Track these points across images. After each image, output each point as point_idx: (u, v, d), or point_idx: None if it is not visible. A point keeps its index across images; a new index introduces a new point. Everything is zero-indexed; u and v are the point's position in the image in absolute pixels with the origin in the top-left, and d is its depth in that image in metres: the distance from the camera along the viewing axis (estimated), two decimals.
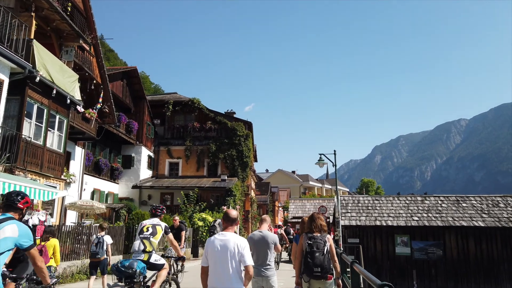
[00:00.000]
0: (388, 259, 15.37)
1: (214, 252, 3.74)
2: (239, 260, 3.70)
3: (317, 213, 5.21)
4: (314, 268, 4.66)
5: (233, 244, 3.73)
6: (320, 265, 4.66)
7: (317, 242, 4.78)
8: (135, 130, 24.94)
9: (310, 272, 4.70)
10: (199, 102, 28.32)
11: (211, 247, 3.79)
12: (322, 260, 4.68)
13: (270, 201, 50.93)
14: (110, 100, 18.44)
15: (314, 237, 4.84)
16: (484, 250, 14.65)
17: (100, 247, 8.16)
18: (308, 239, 4.84)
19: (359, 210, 16.73)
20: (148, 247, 5.61)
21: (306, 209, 32.08)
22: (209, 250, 3.80)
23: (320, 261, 4.67)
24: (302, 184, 74.43)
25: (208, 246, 3.83)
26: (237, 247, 3.72)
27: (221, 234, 3.86)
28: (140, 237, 5.67)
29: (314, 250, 4.73)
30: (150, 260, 5.59)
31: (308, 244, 4.79)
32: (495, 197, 16.71)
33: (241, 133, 27.36)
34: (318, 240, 4.79)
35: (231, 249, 3.70)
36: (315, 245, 4.76)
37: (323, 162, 15.14)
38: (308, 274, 4.73)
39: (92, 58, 17.00)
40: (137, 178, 25.01)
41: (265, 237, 5.15)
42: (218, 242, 3.77)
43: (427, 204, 16.70)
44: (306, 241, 4.85)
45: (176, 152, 27.69)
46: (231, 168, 26.83)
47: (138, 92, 25.85)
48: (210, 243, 3.83)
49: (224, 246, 3.73)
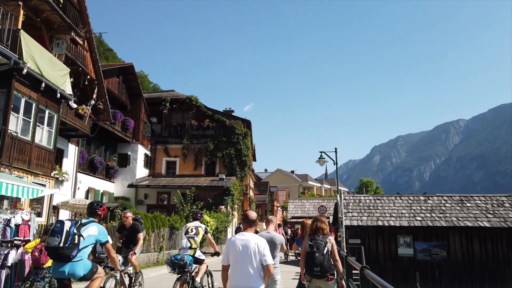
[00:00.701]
0: (391, 260, 14.90)
1: (236, 251, 3.91)
2: (260, 259, 3.87)
3: (319, 216, 5.45)
4: (314, 268, 4.92)
5: (253, 244, 3.90)
6: (320, 264, 4.89)
7: (317, 243, 5.03)
8: (131, 128, 24.43)
9: (311, 271, 4.97)
10: (196, 99, 27.83)
11: (232, 247, 3.96)
12: (322, 260, 4.90)
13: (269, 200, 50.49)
14: (105, 97, 17.95)
15: (315, 239, 5.10)
16: (490, 251, 14.20)
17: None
18: (309, 240, 5.12)
19: (360, 210, 16.27)
20: (193, 245, 6.71)
21: (306, 208, 31.62)
22: (230, 249, 3.97)
23: (319, 261, 4.90)
24: (301, 184, 74.08)
25: (230, 246, 4.00)
26: (257, 246, 3.89)
27: (241, 235, 4.03)
28: (186, 236, 6.79)
29: (314, 251, 4.97)
30: (195, 255, 6.67)
31: (309, 245, 5.06)
32: (500, 197, 16.25)
33: (239, 131, 26.89)
34: (319, 242, 5.04)
35: (252, 249, 3.87)
36: (315, 246, 5.01)
37: (323, 160, 14.67)
38: (309, 273, 5.01)
39: (86, 52, 16.50)
40: (133, 177, 24.52)
41: (273, 238, 5.34)
42: (239, 242, 3.94)
43: (430, 204, 16.24)
44: (307, 242, 5.12)
45: (173, 151, 27.20)
46: (229, 167, 26.36)
47: (135, 89, 25.35)
48: (231, 243, 4.01)
49: (245, 246, 3.90)
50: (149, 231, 13.88)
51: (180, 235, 16.73)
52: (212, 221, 19.08)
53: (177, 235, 16.26)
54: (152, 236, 14.21)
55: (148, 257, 13.94)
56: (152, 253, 14.19)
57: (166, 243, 15.38)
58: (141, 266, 13.25)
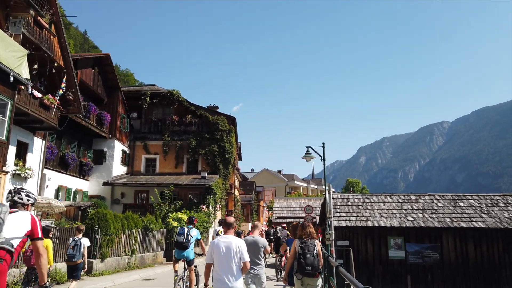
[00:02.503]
0: (381, 263, 13.96)
1: (220, 251, 4.61)
2: (239, 257, 4.62)
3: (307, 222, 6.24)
4: (306, 267, 5.60)
5: (234, 245, 4.64)
6: (311, 264, 5.61)
7: (308, 246, 5.75)
8: (108, 123, 23.02)
9: (303, 270, 5.63)
10: (178, 94, 26.55)
11: (216, 248, 4.67)
12: (312, 260, 5.63)
13: (254, 200, 49.42)
14: (75, 87, 16.57)
15: (306, 242, 5.82)
16: (485, 254, 13.39)
17: (77, 249, 7.98)
18: (301, 243, 5.82)
19: (349, 210, 15.32)
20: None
21: (292, 208, 30.59)
22: (214, 250, 4.67)
23: (311, 261, 5.62)
24: (287, 184, 73.39)
25: (214, 247, 4.70)
26: (238, 247, 4.64)
27: (224, 237, 4.75)
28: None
29: (306, 252, 5.67)
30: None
31: (300, 248, 5.75)
32: (494, 196, 15.51)
33: (223, 127, 25.74)
34: (309, 244, 5.78)
35: (233, 249, 4.60)
36: (307, 248, 5.72)
37: (310, 156, 13.65)
38: (301, 272, 5.65)
39: (53, 38, 15.12)
40: (110, 175, 23.11)
41: (256, 241, 6.10)
42: (222, 244, 4.66)
43: (422, 204, 15.39)
44: (299, 245, 5.80)
45: (153, 147, 25.88)
46: (212, 164, 25.19)
47: (112, 81, 23.93)
48: (215, 245, 4.70)
49: (227, 247, 4.62)
50: (119, 233, 12.63)
51: (156, 237, 15.49)
52: None
53: (151, 237, 15.02)
54: (123, 238, 12.96)
55: (118, 261, 12.68)
56: (122, 256, 12.94)
57: (139, 245, 14.13)
58: (109, 271, 12.00)
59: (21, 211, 3.41)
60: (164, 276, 12.93)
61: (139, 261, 14.00)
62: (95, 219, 11.89)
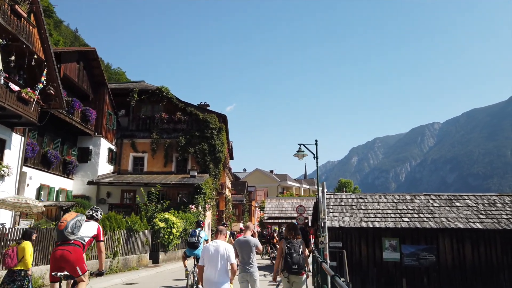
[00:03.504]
0: (375, 265, 13.45)
1: (209, 254, 5.15)
2: (227, 260, 5.13)
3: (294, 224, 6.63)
4: (292, 266, 5.92)
5: (222, 248, 5.17)
6: (297, 263, 5.95)
7: (294, 246, 6.08)
8: (93, 120, 22.21)
9: (289, 268, 5.95)
10: (167, 91, 25.81)
11: (206, 251, 5.20)
12: (298, 259, 5.96)
13: (246, 200, 48.84)
14: (57, 81, 15.78)
15: (292, 242, 6.15)
16: (482, 256, 12.94)
17: None
18: (287, 243, 6.14)
19: (342, 210, 14.79)
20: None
21: (283, 208, 30.03)
22: (205, 253, 5.21)
23: (296, 260, 5.94)
24: (280, 184, 72.91)
25: (205, 251, 5.23)
26: (225, 251, 5.16)
27: (214, 242, 5.30)
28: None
29: (292, 252, 5.99)
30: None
31: (287, 247, 6.06)
32: (491, 196, 15.10)
33: (213, 125, 25.07)
34: (295, 244, 6.11)
35: (221, 253, 5.13)
36: (293, 248, 6.04)
37: (302, 154, 13.06)
38: (288, 270, 5.97)
39: (33, 28, 14.32)
40: (95, 174, 22.29)
41: (248, 241, 6.39)
42: (212, 248, 5.19)
43: (417, 204, 14.92)
44: (285, 245, 6.13)
45: (141, 146, 25.10)
46: (202, 163, 24.50)
47: (98, 77, 23.11)
48: (206, 249, 5.23)
49: (216, 250, 5.16)
50: None
51: (140, 238, 14.80)
52: (179, 222, 17.19)
53: (136, 238, 14.31)
54: (105, 239, 12.22)
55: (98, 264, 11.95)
56: None
57: (123, 247, 13.42)
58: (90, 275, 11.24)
59: (92, 222, 5.56)
60: (148, 279, 12.25)
61: (122, 264, 13.29)
62: None
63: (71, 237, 5.09)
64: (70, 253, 4.96)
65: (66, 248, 5.02)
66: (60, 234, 5.10)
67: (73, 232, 5.10)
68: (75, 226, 5.17)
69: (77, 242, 5.10)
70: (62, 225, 5.13)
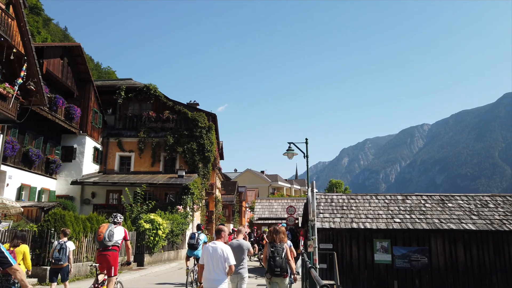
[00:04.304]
0: (366, 268, 13.10)
1: (208, 255, 5.53)
2: (225, 261, 5.47)
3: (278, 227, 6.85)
4: (275, 268, 6.25)
5: (220, 250, 5.51)
6: (280, 266, 6.26)
7: (277, 249, 6.40)
8: (78, 117, 21.56)
9: (272, 271, 6.29)
10: (155, 88, 25.23)
11: (206, 252, 5.58)
12: (281, 262, 6.27)
13: (237, 201, 48.33)
14: (38, 76, 15.15)
15: (275, 246, 6.50)
16: (475, 258, 12.67)
17: (63, 253, 8.29)
18: (271, 247, 6.48)
19: (333, 211, 14.43)
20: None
21: (274, 209, 29.65)
22: (205, 253, 5.59)
23: (279, 263, 6.25)
24: (271, 184, 72.64)
25: (205, 251, 5.61)
26: (223, 252, 5.50)
27: (213, 243, 5.66)
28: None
29: (275, 256, 6.32)
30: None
31: (271, 251, 6.40)
32: (483, 196, 14.89)
33: (203, 124, 24.56)
34: (278, 248, 6.43)
35: (219, 253, 5.48)
36: (276, 251, 6.36)
37: (292, 153, 12.67)
38: (271, 273, 6.32)
39: (12, 20, 13.70)
40: (80, 173, 21.64)
41: (240, 244, 6.68)
42: (211, 249, 5.56)
43: (409, 204, 14.64)
44: (269, 249, 6.47)
45: (128, 145, 24.48)
46: (191, 163, 23.98)
47: (83, 74, 22.46)
48: (206, 249, 5.61)
49: (215, 251, 5.51)
50: (80, 236, 11.36)
51: None
52: (166, 223, 16.66)
53: None
54: (84, 242, 11.69)
55: (78, 267, 11.40)
56: (83, 262, 11.66)
57: None
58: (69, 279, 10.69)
59: (119, 226, 7.29)
60: (131, 283, 11.72)
61: None
62: (51, 221, 10.58)
63: (109, 243, 6.87)
64: (109, 257, 6.87)
65: (106, 253, 6.87)
66: (101, 244, 6.90)
67: (110, 240, 6.88)
68: (110, 235, 6.92)
69: (114, 247, 6.95)
70: (100, 237, 6.91)
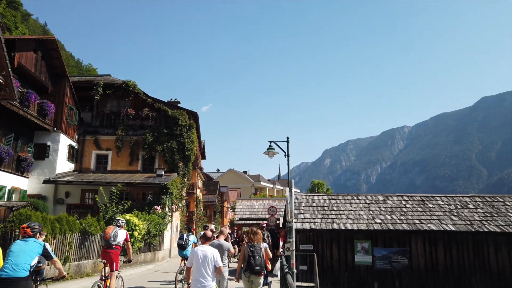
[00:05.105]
0: (346, 269, 12.90)
1: (198, 258, 5.88)
2: (214, 264, 5.89)
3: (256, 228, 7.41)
4: (255, 267, 6.82)
5: (210, 254, 5.93)
6: (259, 264, 6.87)
7: (256, 249, 6.98)
8: (52, 114, 20.68)
9: (252, 269, 6.83)
10: (134, 85, 24.53)
11: (195, 255, 5.92)
12: (260, 261, 6.89)
13: (218, 201, 47.75)
14: (7, 69, 14.34)
15: (254, 246, 7.05)
16: (454, 259, 12.64)
17: None
18: (250, 247, 7.03)
19: (314, 211, 14.20)
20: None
21: (255, 209, 29.29)
22: (194, 256, 5.93)
23: (259, 262, 6.87)
24: (253, 185, 72.22)
25: (194, 254, 5.96)
26: (212, 255, 5.93)
27: (202, 247, 6.07)
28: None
29: (255, 255, 6.90)
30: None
31: (250, 251, 6.96)
32: (463, 197, 14.94)
33: (183, 122, 24.00)
34: (257, 248, 7.01)
35: (209, 257, 5.89)
36: (256, 251, 6.94)
37: (273, 152, 12.35)
38: (250, 271, 6.85)
39: None
40: (53, 172, 20.77)
41: (221, 245, 7.28)
42: (200, 252, 5.92)
43: (390, 205, 14.54)
44: (248, 248, 7.01)
45: (105, 143, 23.69)
46: (171, 162, 23.38)
47: (59, 68, 21.56)
48: (195, 253, 5.96)
49: (204, 255, 5.90)
50: (48, 238, 10.74)
51: (97, 242, 13.64)
52: (142, 224, 16.08)
53: (91, 242, 13.12)
54: (53, 243, 11.06)
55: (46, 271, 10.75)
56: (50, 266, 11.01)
57: (75, 252, 12.23)
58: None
59: (122, 229, 8.52)
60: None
61: (74, 270, 12.11)
62: (16, 222, 9.95)
63: (113, 243, 8.08)
64: (112, 254, 8.05)
65: (110, 251, 8.06)
66: (106, 242, 8.10)
67: (114, 239, 8.08)
68: (115, 235, 8.12)
69: (116, 247, 8.13)
70: (107, 236, 8.11)
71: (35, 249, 4.96)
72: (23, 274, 4.63)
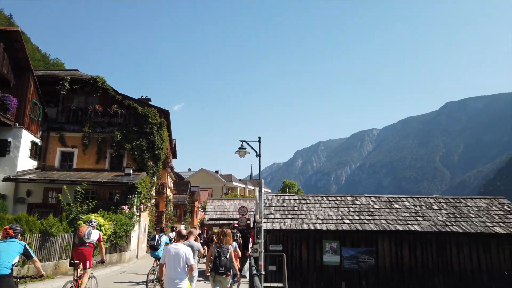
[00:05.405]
0: (315, 269, 13.02)
1: (170, 255, 6.04)
2: (186, 262, 6.04)
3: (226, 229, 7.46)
4: (219, 267, 6.88)
5: (182, 251, 6.08)
6: (224, 265, 6.91)
7: (223, 250, 7.04)
8: (14, 108, 19.64)
9: (217, 269, 6.89)
10: (103, 81, 23.74)
11: (168, 253, 6.09)
12: (226, 262, 6.94)
13: (189, 201, 47.20)
14: None
15: (221, 247, 7.09)
16: (419, 258, 13.03)
17: None
18: (217, 247, 7.10)
19: (284, 212, 14.25)
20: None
21: (225, 209, 29.09)
22: (167, 254, 6.10)
23: (224, 263, 6.92)
24: (225, 184, 71.90)
25: (166, 251, 6.14)
26: (185, 253, 6.08)
27: (175, 244, 6.25)
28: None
29: (221, 256, 6.96)
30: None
31: (217, 251, 7.05)
32: (428, 198, 15.44)
33: (153, 120, 23.47)
34: (224, 249, 7.07)
35: (181, 254, 6.04)
36: (222, 252, 7.02)
37: (244, 151, 12.28)
38: (215, 271, 6.91)
39: None
40: (14, 169, 19.75)
41: (192, 246, 7.43)
42: (173, 250, 6.09)
43: (358, 205, 14.82)
44: (215, 249, 7.10)
45: (71, 140, 22.79)
46: (140, 161, 22.79)
47: (22, 61, 20.53)
48: (167, 250, 6.15)
49: (177, 252, 6.05)
50: None
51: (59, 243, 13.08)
52: (108, 224, 15.58)
53: (53, 243, 12.56)
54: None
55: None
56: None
57: (35, 253, 11.65)
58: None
59: (95, 230, 8.81)
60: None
61: (33, 272, 11.53)
62: None
63: (87, 241, 8.30)
64: (85, 251, 8.17)
65: (83, 249, 8.20)
66: (80, 240, 8.33)
67: (88, 238, 8.32)
68: (89, 234, 8.41)
69: (90, 245, 8.30)
70: (81, 234, 8.41)
71: (16, 249, 5.41)
72: (5, 272, 5.05)
